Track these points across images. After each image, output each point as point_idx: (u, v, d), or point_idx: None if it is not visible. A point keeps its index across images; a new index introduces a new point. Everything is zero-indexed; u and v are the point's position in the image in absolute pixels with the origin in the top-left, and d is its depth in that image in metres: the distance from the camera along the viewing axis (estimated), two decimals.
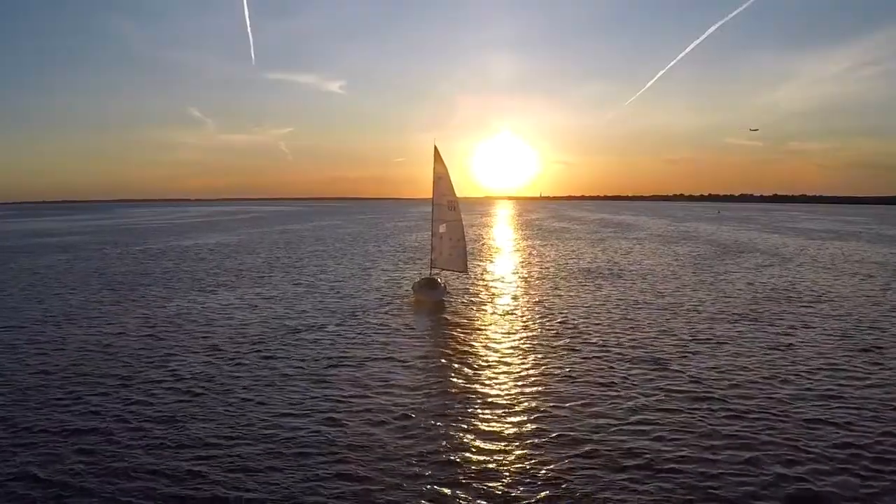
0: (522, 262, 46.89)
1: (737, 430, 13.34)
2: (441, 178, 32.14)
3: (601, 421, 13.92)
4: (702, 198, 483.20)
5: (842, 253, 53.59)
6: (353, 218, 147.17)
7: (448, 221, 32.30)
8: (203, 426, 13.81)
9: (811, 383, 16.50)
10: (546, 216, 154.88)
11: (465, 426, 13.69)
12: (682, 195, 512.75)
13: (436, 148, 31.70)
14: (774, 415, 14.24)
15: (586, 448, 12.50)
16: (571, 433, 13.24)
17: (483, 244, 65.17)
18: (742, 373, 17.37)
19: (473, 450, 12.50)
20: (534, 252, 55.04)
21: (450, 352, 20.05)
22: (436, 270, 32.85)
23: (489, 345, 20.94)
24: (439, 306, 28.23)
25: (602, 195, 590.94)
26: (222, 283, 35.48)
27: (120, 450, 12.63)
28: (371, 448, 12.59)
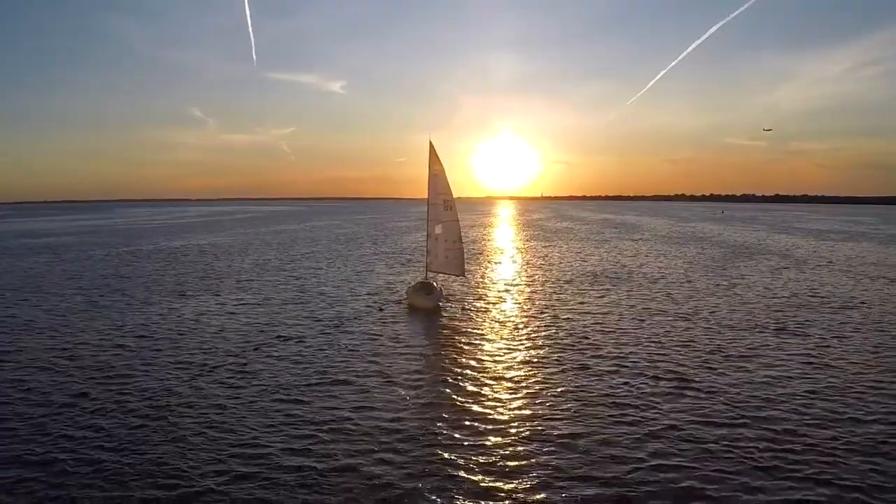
0: (524, 264, 44.87)
1: (780, 465, 11.32)
2: (437, 176, 30.15)
3: (618, 451, 11.91)
4: (703, 198, 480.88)
5: (856, 254, 51.51)
6: (353, 218, 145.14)
7: (444, 222, 30.29)
8: (158, 455, 11.83)
9: (858, 404, 14.46)
10: (548, 216, 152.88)
11: (460, 456, 11.69)
12: (683, 195, 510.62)
13: (431, 144, 29.73)
14: (822, 444, 12.21)
15: (600, 485, 10.50)
16: (583, 466, 11.25)
17: (483, 245, 63.18)
18: (777, 392, 15.33)
19: (468, 486, 10.49)
20: (536, 254, 53.04)
21: (444, 366, 18.02)
22: (431, 274, 30.86)
23: (489, 358, 18.88)
24: (435, 312, 26.21)
25: (603, 195, 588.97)
26: (205, 287, 33.45)
27: (51, 489, 10.64)
28: (351, 483, 10.59)
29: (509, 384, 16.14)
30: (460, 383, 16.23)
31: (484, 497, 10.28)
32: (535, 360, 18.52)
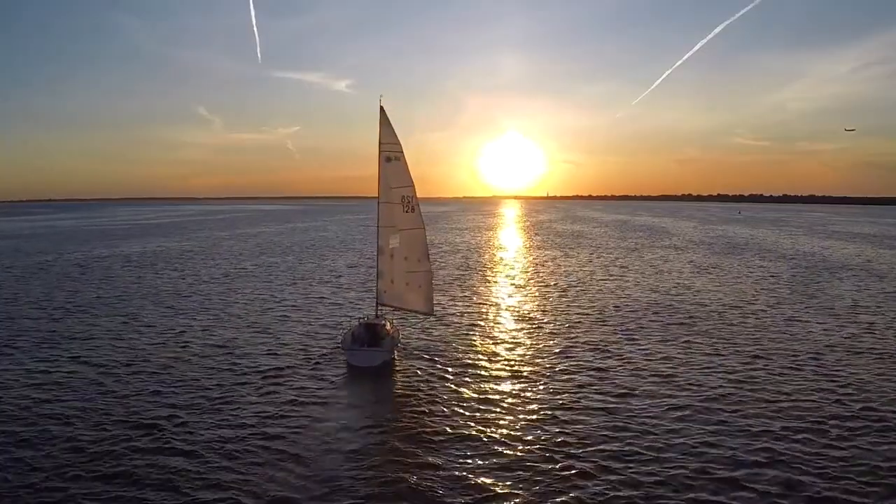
0: (530, 289, 33.00)
1: None
2: (392, 160, 19.41)
3: None
4: (711, 198, 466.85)
5: None
6: (346, 219, 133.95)
7: (403, 230, 19.57)
8: None
9: None
10: (556, 217, 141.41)
11: None
12: (690, 195, 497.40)
13: (382, 110, 19.27)
14: None
15: None
16: None
17: (476, 258, 51.80)
18: None
19: None
20: (546, 270, 41.29)
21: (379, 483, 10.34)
22: (384, 309, 20.10)
23: (465, 475, 10.92)
24: (382, 377, 16.59)
25: (609, 195, 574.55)
26: (55, 329, 22.92)
27: None
28: None
29: None
30: None
31: None
32: (543, 480, 10.61)
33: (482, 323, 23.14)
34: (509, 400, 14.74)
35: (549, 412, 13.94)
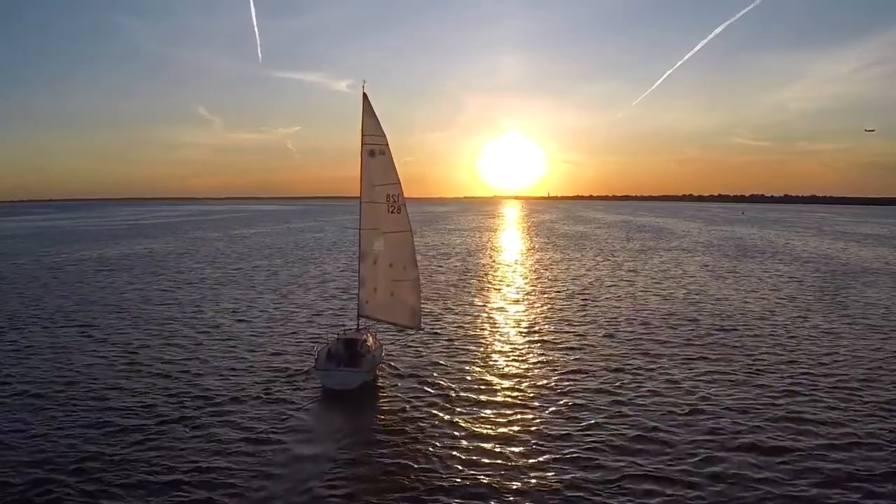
0: (534, 298, 30.60)
1: None
2: (376, 155, 16.98)
3: None
4: (711, 198, 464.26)
5: None
6: (346, 219, 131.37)
7: (388, 233, 17.14)
8: None
9: None
10: (558, 217, 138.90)
11: None
12: (690, 195, 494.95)
13: (365, 97, 16.94)
14: None
15: None
16: None
17: (473, 262, 49.42)
18: None
19: None
20: (551, 276, 38.86)
21: None
22: (366, 322, 17.64)
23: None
24: (360, 402, 14.45)
25: (610, 195, 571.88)
26: (26, 338, 20.62)
27: None
28: None
29: None
30: None
31: None
32: None
33: (478, 339, 20.59)
34: (510, 433, 12.36)
35: (558, 450, 11.56)
